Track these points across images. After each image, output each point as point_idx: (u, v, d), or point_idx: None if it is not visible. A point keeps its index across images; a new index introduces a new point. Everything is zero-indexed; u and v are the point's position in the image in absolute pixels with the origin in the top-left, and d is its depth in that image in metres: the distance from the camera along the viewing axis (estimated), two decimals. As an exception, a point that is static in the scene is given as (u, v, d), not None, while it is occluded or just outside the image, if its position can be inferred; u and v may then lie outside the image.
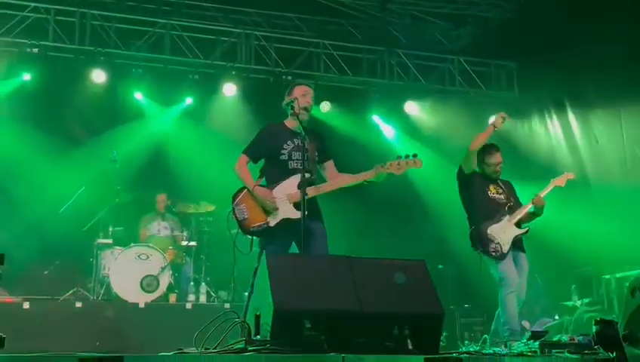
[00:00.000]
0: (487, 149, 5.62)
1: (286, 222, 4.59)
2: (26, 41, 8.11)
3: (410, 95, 9.64)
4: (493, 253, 5.35)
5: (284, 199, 4.63)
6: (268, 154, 4.85)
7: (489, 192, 5.60)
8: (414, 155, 4.69)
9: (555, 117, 9.24)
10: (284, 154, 4.74)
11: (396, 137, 9.90)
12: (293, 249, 4.74)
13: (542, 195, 5.50)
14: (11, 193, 8.45)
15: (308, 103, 4.83)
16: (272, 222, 4.62)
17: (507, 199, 5.59)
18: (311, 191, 4.57)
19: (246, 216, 4.67)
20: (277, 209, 4.61)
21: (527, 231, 5.47)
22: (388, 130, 9.88)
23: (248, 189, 4.72)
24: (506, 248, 5.34)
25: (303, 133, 4.62)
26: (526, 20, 8.71)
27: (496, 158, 5.61)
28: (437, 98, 9.64)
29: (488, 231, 5.39)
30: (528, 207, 5.50)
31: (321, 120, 9.05)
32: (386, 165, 4.65)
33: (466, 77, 9.68)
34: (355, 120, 9.61)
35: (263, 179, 4.87)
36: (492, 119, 5.70)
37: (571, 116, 8.89)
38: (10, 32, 8.04)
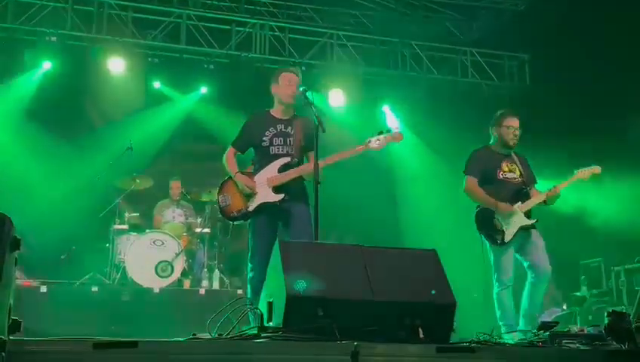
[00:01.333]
0: (506, 113, 5.35)
1: (265, 206, 4.66)
2: (45, 29, 8.09)
3: (422, 86, 9.56)
4: (493, 240, 5.10)
5: (264, 184, 4.67)
6: (252, 143, 4.87)
7: (501, 172, 5.23)
8: (395, 128, 4.68)
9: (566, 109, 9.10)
10: (265, 141, 4.78)
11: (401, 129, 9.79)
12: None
13: (560, 188, 5.18)
14: (29, 179, 8.50)
15: (292, 92, 4.79)
16: (251, 207, 4.71)
17: (521, 181, 5.25)
18: (290, 174, 4.62)
19: (228, 203, 4.80)
20: (255, 193, 4.67)
21: (535, 222, 5.15)
22: (393, 121, 9.78)
23: (231, 177, 4.80)
24: (508, 238, 5.05)
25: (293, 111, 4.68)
26: (538, 12, 8.59)
27: (515, 122, 5.27)
28: (448, 89, 9.55)
29: (495, 216, 5.11)
30: (542, 198, 5.17)
31: (331, 110, 9.02)
32: (365, 142, 4.68)
33: (478, 68, 9.59)
34: (366, 110, 9.56)
35: (253, 167, 4.91)
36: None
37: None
38: (29, 20, 8.03)
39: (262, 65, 8.97)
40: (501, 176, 5.22)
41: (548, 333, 3.67)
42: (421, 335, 3.21)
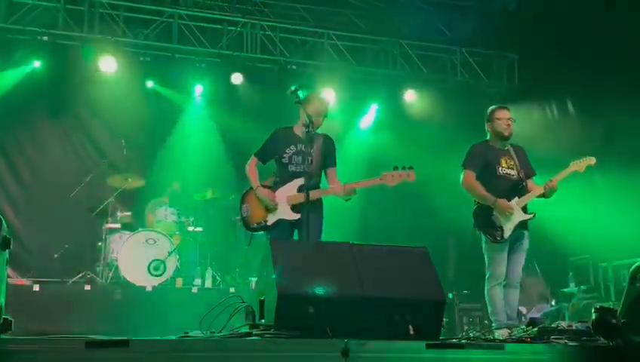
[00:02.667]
0: (496, 107, 5.35)
1: (282, 223, 4.84)
2: (36, 29, 8.03)
3: (411, 84, 9.56)
4: (492, 237, 5.07)
5: (284, 201, 4.86)
6: (274, 157, 5.05)
7: (499, 168, 5.18)
8: (410, 168, 4.73)
9: (555, 109, 9.14)
10: (285, 157, 4.95)
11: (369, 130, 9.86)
12: None
13: (557, 180, 5.10)
14: (22, 178, 8.46)
15: (319, 121, 4.96)
16: (270, 221, 4.90)
17: (518, 176, 5.19)
18: (314, 194, 4.76)
19: (249, 214, 4.98)
20: (276, 208, 4.86)
21: (533, 217, 5.12)
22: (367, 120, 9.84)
23: (253, 189, 4.99)
24: (507, 234, 5.04)
25: (310, 131, 4.74)
26: (528, 12, 8.62)
27: (506, 113, 5.27)
28: (438, 88, 9.56)
29: (494, 213, 5.06)
30: (539, 192, 5.11)
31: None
32: (380, 176, 4.78)
33: (467, 67, 9.60)
34: (356, 109, 9.59)
35: (273, 180, 5.08)
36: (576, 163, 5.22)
37: (571, 108, 8.78)
38: (21, 19, 7.97)
39: (253, 64, 8.95)
40: (501, 172, 5.19)
41: (536, 329, 3.69)
42: (411, 332, 3.22)
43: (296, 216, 4.77)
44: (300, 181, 4.82)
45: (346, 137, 9.50)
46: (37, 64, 8.32)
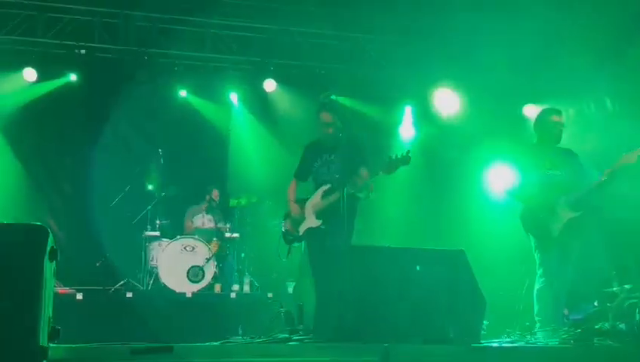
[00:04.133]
0: (550, 110, 5.39)
1: (310, 231, 5.06)
2: (74, 43, 8.24)
3: (441, 85, 9.46)
4: (541, 237, 5.02)
5: (310, 210, 5.14)
6: (309, 172, 5.35)
7: (547, 169, 5.16)
8: (407, 152, 4.78)
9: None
10: (314, 170, 5.26)
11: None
12: None
13: (608, 172, 4.96)
14: (63, 189, 8.66)
15: (329, 131, 5.16)
16: (301, 231, 5.14)
17: (567, 176, 5.15)
18: (330, 199, 4.97)
19: (287, 228, 5.32)
20: (304, 219, 5.14)
21: (581, 214, 5.00)
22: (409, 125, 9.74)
23: None
24: (556, 233, 4.98)
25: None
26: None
27: (561, 117, 5.30)
28: (468, 87, 9.46)
29: (541, 213, 5.02)
30: (589, 188, 5.03)
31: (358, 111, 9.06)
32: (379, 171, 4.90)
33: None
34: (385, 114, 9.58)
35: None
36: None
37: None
38: (58, 34, 8.18)
39: (285, 70, 9.01)
40: (547, 173, 5.17)
41: (580, 330, 3.64)
42: (451, 335, 3.21)
43: (319, 223, 5.00)
44: (325, 188, 5.07)
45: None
46: (73, 77, 8.54)
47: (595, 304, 7.40)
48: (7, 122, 8.46)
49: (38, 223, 2.38)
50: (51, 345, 2.50)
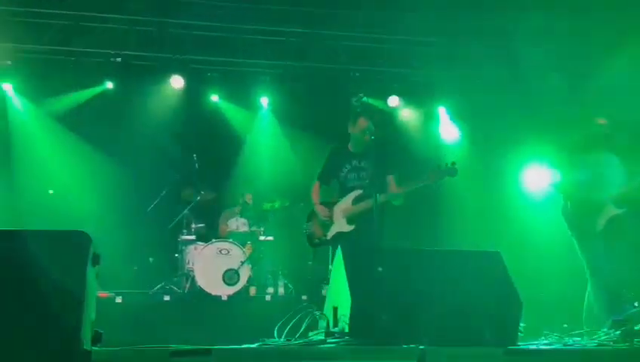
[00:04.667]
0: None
1: (339, 235, 5.16)
2: (109, 51, 8.42)
3: (477, 84, 9.39)
4: (585, 233, 4.96)
5: (340, 214, 5.20)
6: (333, 176, 5.38)
7: (593, 166, 5.13)
8: (452, 163, 4.75)
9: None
10: (342, 175, 5.27)
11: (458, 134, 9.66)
12: None
13: None
14: (101, 194, 8.84)
15: (367, 138, 5.14)
16: (330, 235, 5.28)
17: (610, 174, 5.10)
18: (361, 206, 5.05)
19: (311, 231, 5.42)
20: (333, 223, 5.22)
21: (625, 212, 4.97)
22: (448, 125, 9.67)
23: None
24: (600, 228, 4.93)
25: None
26: None
27: (605, 119, 5.25)
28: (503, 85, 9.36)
29: (585, 208, 4.96)
30: (634, 185, 4.96)
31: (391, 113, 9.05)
32: (420, 181, 4.99)
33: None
34: (422, 112, 9.53)
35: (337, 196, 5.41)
36: None
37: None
38: (94, 42, 8.37)
39: (317, 73, 9.06)
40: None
41: (619, 332, 3.58)
42: (487, 337, 3.19)
43: (350, 228, 5.07)
44: (356, 193, 5.11)
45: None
46: (110, 85, 8.73)
47: (636, 304, 7.26)
48: (50, 130, 8.69)
49: (80, 229, 2.45)
50: (94, 348, 2.57)
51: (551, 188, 5.45)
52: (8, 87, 8.55)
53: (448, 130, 9.55)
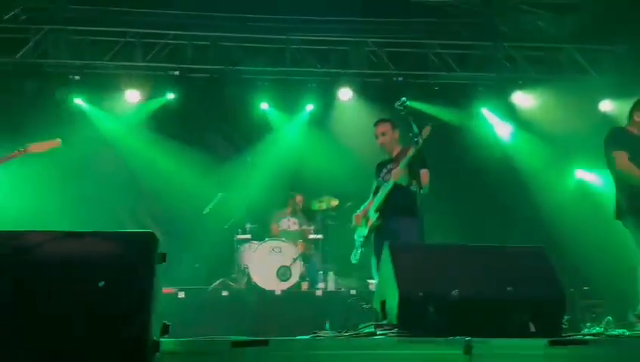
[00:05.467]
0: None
1: (373, 227, 5.36)
2: (168, 65, 8.62)
3: (518, 86, 9.27)
4: None
5: (370, 211, 5.43)
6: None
7: None
8: (403, 102, 4.92)
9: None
10: (380, 179, 5.49)
11: (511, 131, 9.49)
12: None
13: None
14: (163, 198, 9.03)
15: (381, 143, 5.52)
16: (366, 231, 5.46)
17: None
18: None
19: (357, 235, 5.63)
20: (367, 221, 5.43)
21: None
22: (496, 122, 9.53)
23: None
24: None
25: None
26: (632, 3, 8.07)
27: None
28: (545, 87, 9.19)
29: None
30: None
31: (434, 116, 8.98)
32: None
33: (574, 64, 9.15)
34: (464, 114, 9.42)
35: None
36: None
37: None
38: (155, 57, 8.58)
39: (361, 79, 9.06)
40: None
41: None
42: (532, 329, 3.15)
43: (374, 218, 5.29)
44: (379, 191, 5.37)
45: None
46: (170, 96, 8.93)
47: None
48: (119, 139, 8.95)
49: (149, 230, 2.52)
50: (162, 339, 2.64)
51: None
52: (80, 101, 8.83)
53: (500, 129, 9.43)
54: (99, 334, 2.20)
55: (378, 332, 3.24)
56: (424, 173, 4.99)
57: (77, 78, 8.51)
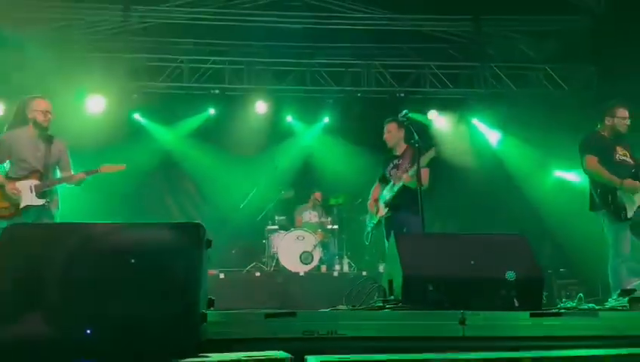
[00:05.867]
0: (616, 104, 4.78)
1: (383, 219, 5.30)
2: (210, 85, 8.70)
3: (503, 99, 9.20)
4: (619, 216, 4.48)
5: (381, 203, 5.37)
6: (385, 176, 5.49)
7: (617, 155, 4.61)
8: (405, 115, 4.99)
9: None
10: (387, 174, 5.42)
11: (499, 137, 9.42)
12: None
13: None
14: (205, 194, 9.12)
15: (386, 139, 5.45)
16: (376, 219, 5.41)
17: (635, 165, 4.62)
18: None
19: (368, 220, 5.59)
20: (377, 211, 5.39)
21: None
22: (486, 130, 9.46)
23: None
24: (630, 213, 4.47)
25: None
26: (601, 29, 8.00)
27: (626, 113, 4.73)
28: (526, 100, 9.11)
29: (618, 194, 4.46)
30: None
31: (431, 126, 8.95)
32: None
33: (550, 81, 9.07)
34: (458, 123, 9.37)
35: None
36: None
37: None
38: (199, 79, 8.67)
39: (370, 95, 9.07)
40: (618, 159, 4.63)
41: (627, 298, 3.44)
42: (516, 304, 3.13)
43: (385, 210, 5.23)
44: (390, 185, 5.24)
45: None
46: (212, 111, 9.01)
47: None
48: (171, 147, 9.05)
49: (197, 221, 2.56)
50: (208, 311, 2.68)
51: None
52: (138, 116, 8.94)
53: (489, 136, 9.36)
54: (159, 306, 2.25)
55: (386, 306, 3.25)
56: (425, 172, 4.92)
57: (135, 96, 8.62)
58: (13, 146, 4.64)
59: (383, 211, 5.30)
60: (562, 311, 2.90)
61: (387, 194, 5.32)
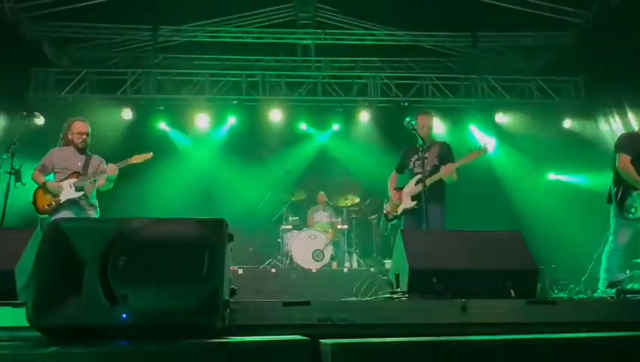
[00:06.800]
0: None
1: (407, 211, 4.90)
2: (229, 96, 8.78)
3: (498, 108, 9.20)
4: (622, 214, 4.39)
5: (407, 194, 4.92)
6: (406, 166, 5.16)
7: None
8: (484, 145, 4.64)
9: (616, 117, 8.31)
10: (411, 165, 5.05)
11: (495, 144, 9.36)
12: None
13: None
14: (222, 197, 9.17)
15: (424, 132, 4.90)
16: (399, 212, 5.00)
17: None
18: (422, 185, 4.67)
19: (387, 211, 5.17)
20: (400, 202, 4.98)
21: None
22: (482, 137, 9.44)
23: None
24: (639, 215, 4.35)
25: (424, 143, 4.70)
26: (588, 43, 7.98)
27: None
28: (520, 109, 9.11)
29: (634, 195, 4.33)
30: None
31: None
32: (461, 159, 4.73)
33: (541, 91, 9.06)
34: (456, 131, 9.37)
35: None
36: None
37: (630, 115, 7.95)
38: (219, 91, 8.76)
39: (375, 105, 9.10)
40: None
41: (614, 290, 3.44)
42: (513, 294, 3.14)
43: (413, 204, 4.81)
44: (418, 177, 4.82)
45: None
46: (232, 120, 9.09)
47: (627, 272, 6.83)
48: (194, 153, 9.13)
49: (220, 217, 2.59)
50: (231, 300, 2.72)
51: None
52: (164, 126, 9.04)
53: (486, 141, 9.32)
54: (188, 292, 2.29)
55: (394, 297, 3.27)
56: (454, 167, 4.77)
57: (161, 108, 8.72)
58: (57, 161, 4.86)
59: (409, 203, 4.91)
60: (556, 299, 2.90)
61: (415, 186, 4.91)
